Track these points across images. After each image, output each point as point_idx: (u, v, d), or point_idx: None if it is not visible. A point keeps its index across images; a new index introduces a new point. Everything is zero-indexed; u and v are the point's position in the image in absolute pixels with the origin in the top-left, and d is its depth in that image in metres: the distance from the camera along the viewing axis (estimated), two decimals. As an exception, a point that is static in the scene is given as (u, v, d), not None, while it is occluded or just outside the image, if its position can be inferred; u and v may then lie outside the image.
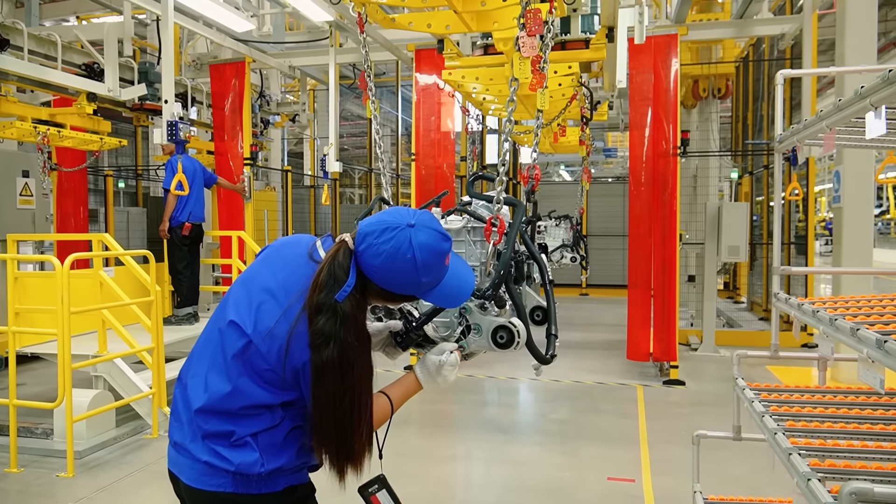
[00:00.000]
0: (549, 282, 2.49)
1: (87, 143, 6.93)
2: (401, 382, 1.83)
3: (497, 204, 2.18)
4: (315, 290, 1.56)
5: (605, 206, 14.23)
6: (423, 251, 1.55)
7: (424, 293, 1.64)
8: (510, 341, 2.00)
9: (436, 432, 5.26)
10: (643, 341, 6.96)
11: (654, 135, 6.83)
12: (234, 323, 1.60)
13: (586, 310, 12.19)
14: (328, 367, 1.53)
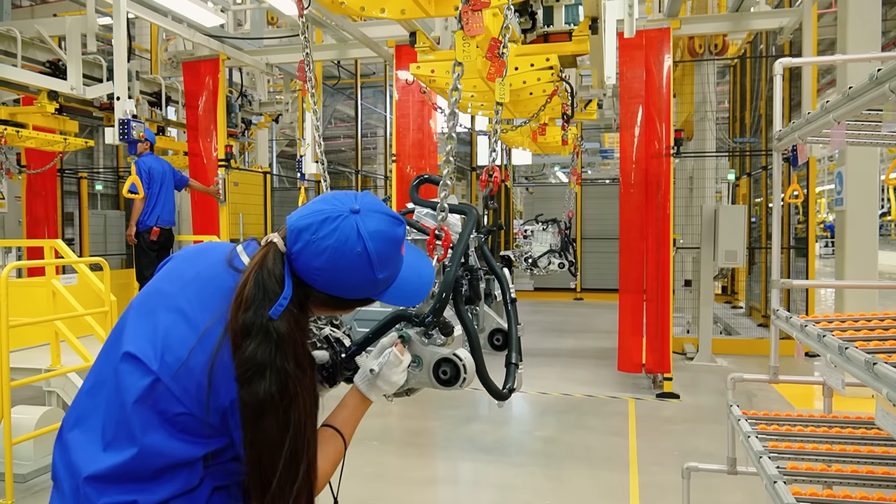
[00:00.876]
0: (511, 301, 2.16)
1: (51, 144, 6.59)
2: (345, 405, 1.50)
3: (441, 212, 1.84)
4: (239, 307, 1.22)
5: (601, 208, 13.88)
6: (376, 241, 1.26)
7: (380, 293, 1.35)
8: (455, 377, 1.67)
9: (412, 451, 4.92)
10: (635, 351, 6.61)
11: (646, 134, 6.50)
12: (132, 357, 1.23)
13: (580, 315, 11.84)
14: (265, 404, 1.19)
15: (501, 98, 2.33)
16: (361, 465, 4.58)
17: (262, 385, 1.20)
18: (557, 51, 4.28)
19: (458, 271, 1.76)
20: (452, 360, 1.68)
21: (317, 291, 1.31)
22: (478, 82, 4.23)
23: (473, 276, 2.10)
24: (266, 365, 1.20)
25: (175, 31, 6.56)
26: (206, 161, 7.45)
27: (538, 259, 6.64)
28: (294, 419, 1.23)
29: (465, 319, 1.82)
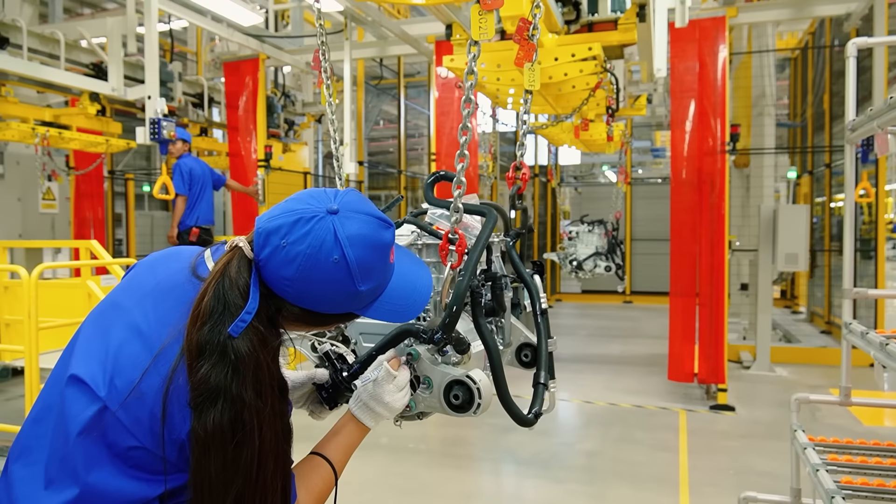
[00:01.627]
0: (542, 312, 1.92)
1: (94, 146, 6.63)
2: (336, 430, 1.33)
3: (454, 213, 1.61)
4: (195, 322, 1.06)
5: (652, 208, 13.40)
6: (357, 246, 1.09)
7: (364, 307, 1.18)
8: (468, 403, 1.46)
9: (448, 462, 4.70)
10: (687, 359, 6.24)
11: (699, 131, 6.12)
12: (78, 381, 1.05)
13: (629, 319, 11.42)
14: (212, 438, 1.00)
15: (531, 85, 2.10)
16: (392, 475, 4.39)
17: (211, 414, 1.01)
18: (601, 40, 4.00)
19: (471, 281, 1.54)
20: (465, 383, 1.46)
21: (289, 305, 1.13)
22: (516, 75, 3.98)
23: (496, 285, 1.86)
24: (219, 391, 1.02)
25: (214, 30, 6.52)
26: (246, 161, 7.41)
27: (583, 262, 6.34)
28: (245, 459, 1.03)
29: (484, 334, 1.60)
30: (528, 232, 2.14)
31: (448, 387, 1.47)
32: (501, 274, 1.95)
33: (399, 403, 1.34)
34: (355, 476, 4.38)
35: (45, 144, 6.08)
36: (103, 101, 6.70)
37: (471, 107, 1.62)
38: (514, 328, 2.03)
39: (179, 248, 1.30)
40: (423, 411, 1.56)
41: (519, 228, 2.12)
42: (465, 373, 1.47)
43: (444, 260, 1.59)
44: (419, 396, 1.48)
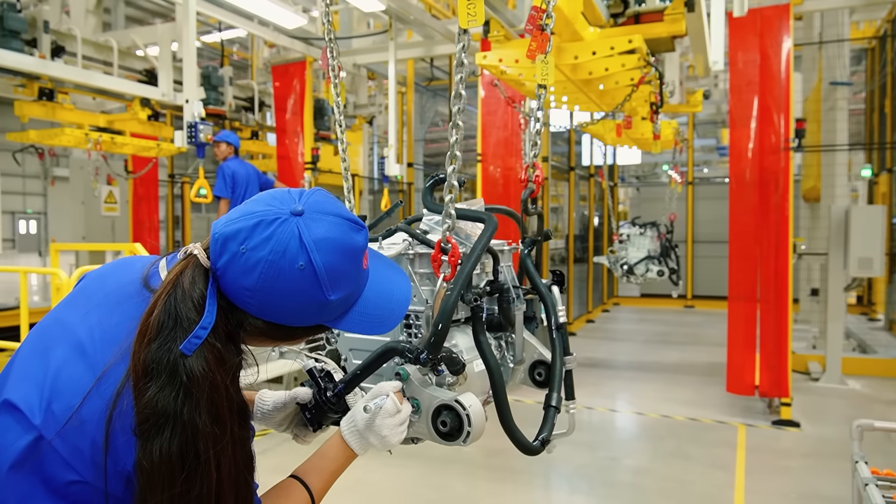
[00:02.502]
0: (558, 326, 1.73)
1: (146, 150, 6.78)
2: (322, 454, 1.21)
3: (446, 219, 1.46)
4: (143, 339, 0.94)
5: (715, 209, 12.80)
6: (324, 251, 0.98)
7: (335, 319, 1.06)
8: (456, 430, 1.31)
9: (483, 475, 4.53)
10: (747, 369, 5.86)
11: (761, 127, 5.74)
12: (11, 407, 0.94)
13: (688, 325, 10.94)
14: (158, 470, 0.88)
15: (544, 80, 1.91)
16: (426, 487, 4.25)
17: (157, 443, 0.89)
18: (645, 32, 3.75)
19: (463, 295, 1.38)
20: (454, 409, 1.31)
21: (252, 318, 1.01)
22: (554, 71, 3.78)
23: (503, 298, 1.69)
24: (167, 416, 0.90)
25: (260, 34, 6.55)
26: (294, 163, 7.44)
27: (634, 266, 6.04)
28: (200, 493, 0.91)
29: (484, 352, 1.45)
30: (544, 239, 1.96)
31: (436, 411, 1.33)
32: (509, 285, 1.78)
33: (396, 439, 1.22)
34: (389, 486, 4.27)
35: (98, 149, 6.23)
36: (156, 107, 6.82)
37: (460, 102, 1.46)
38: (527, 344, 1.85)
39: (134, 257, 1.19)
40: (413, 437, 1.43)
41: (535, 235, 1.95)
42: (455, 396, 1.33)
43: (436, 271, 1.46)
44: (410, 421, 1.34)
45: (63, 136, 6.07)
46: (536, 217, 1.96)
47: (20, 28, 5.49)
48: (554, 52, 3.87)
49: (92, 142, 6.14)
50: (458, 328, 1.59)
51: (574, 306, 10.35)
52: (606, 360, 8.19)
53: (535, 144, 1.93)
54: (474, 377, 1.51)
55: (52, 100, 6.10)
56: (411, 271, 1.55)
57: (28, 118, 6.03)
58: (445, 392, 1.35)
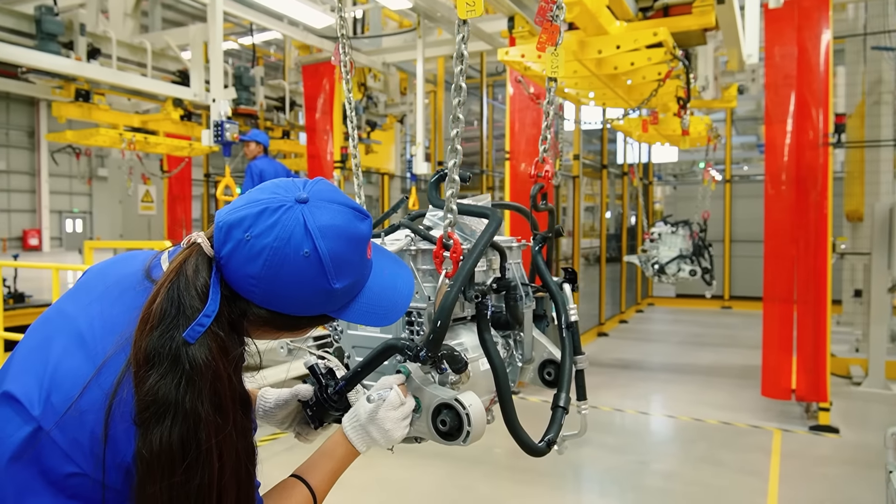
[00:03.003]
0: (568, 325, 1.69)
1: (178, 150, 6.90)
2: (323, 452, 1.19)
3: (448, 215, 1.43)
4: (144, 327, 0.94)
5: (754, 208, 12.49)
6: (330, 238, 0.98)
7: (340, 309, 1.06)
8: (456, 430, 1.30)
9: (509, 477, 4.47)
10: (783, 372, 5.68)
11: (799, 122, 5.54)
12: (11, 399, 0.94)
13: (725, 326, 10.68)
14: (158, 460, 0.88)
15: (553, 73, 1.86)
16: (450, 487, 4.22)
17: (157, 433, 0.88)
18: (672, 25, 3.65)
19: (460, 291, 1.35)
20: (454, 408, 1.29)
21: (255, 307, 1.01)
22: (577, 66, 3.70)
23: (510, 295, 1.65)
24: (168, 404, 0.90)
25: (289, 33, 6.60)
26: (324, 162, 7.49)
27: (665, 265, 5.91)
28: (201, 484, 0.90)
29: (489, 350, 1.42)
30: (556, 236, 1.91)
31: (436, 410, 1.31)
32: (516, 283, 1.74)
33: (399, 434, 1.21)
34: (413, 485, 4.25)
35: (132, 149, 6.36)
36: (189, 107, 6.93)
37: (461, 95, 1.42)
38: (537, 343, 1.81)
39: (136, 251, 1.19)
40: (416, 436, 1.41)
41: (546, 232, 1.90)
42: (455, 395, 1.30)
43: (438, 267, 1.43)
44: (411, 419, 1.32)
45: (98, 136, 6.22)
46: (547, 213, 1.91)
47: (57, 31, 5.64)
48: (578, 46, 3.81)
49: (126, 141, 6.27)
50: (465, 326, 1.57)
51: (606, 306, 10.20)
52: (638, 361, 8.05)
53: (544, 140, 1.88)
54: (480, 376, 1.48)
55: (88, 101, 6.23)
56: (414, 268, 1.51)
57: (65, 119, 6.19)
58: (446, 391, 1.33)
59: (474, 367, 1.48)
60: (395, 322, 1.19)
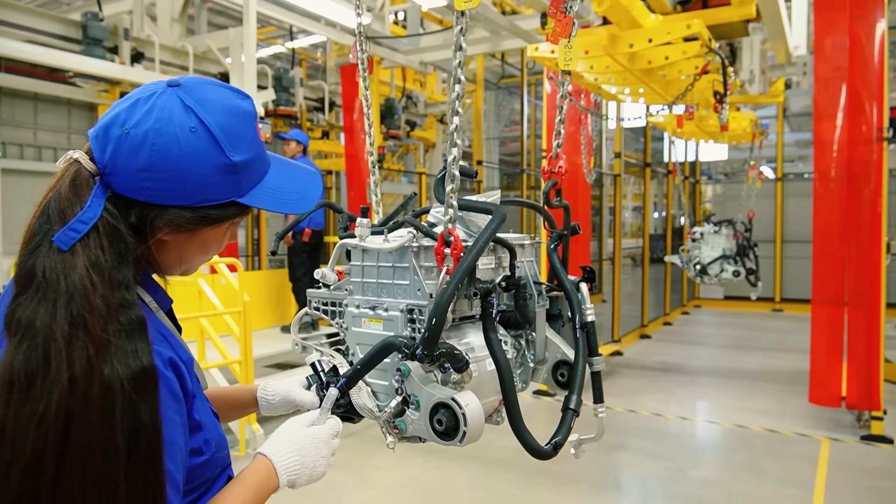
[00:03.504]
0: (583, 325, 1.63)
1: None
2: (241, 480, 1.04)
3: (448, 211, 1.38)
4: (24, 248, 0.88)
5: (807, 206, 12.01)
6: (213, 111, 0.94)
7: (246, 193, 0.99)
8: (452, 429, 1.28)
9: (540, 482, 4.38)
10: (833, 378, 5.42)
11: (851, 117, 5.28)
12: None
13: (775, 330, 10.30)
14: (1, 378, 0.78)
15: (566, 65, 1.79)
16: (479, 490, 4.16)
17: (18, 356, 0.78)
18: (710, 17, 3.51)
19: (457, 288, 1.31)
20: (450, 407, 1.27)
21: (157, 209, 0.92)
22: (610, 62, 3.59)
23: (520, 294, 1.60)
24: (21, 321, 0.80)
25: (326, 34, 6.65)
26: (361, 162, 7.51)
27: (708, 265, 5.71)
28: (34, 412, 0.76)
29: (494, 349, 1.38)
30: (571, 233, 1.84)
31: (433, 409, 1.29)
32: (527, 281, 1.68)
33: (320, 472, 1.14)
34: (442, 486, 4.21)
35: None
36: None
37: (459, 87, 1.36)
38: (550, 343, 1.75)
39: None
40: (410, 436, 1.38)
41: (562, 229, 1.83)
42: (452, 394, 1.28)
43: (439, 264, 1.39)
44: (409, 418, 1.34)
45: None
46: (563, 210, 1.84)
47: (102, 36, 5.80)
48: (609, 41, 3.71)
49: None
50: (474, 325, 1.53)
51: (649, 308, 9.96)
52: (681, 364, 7.82)
53: (558, 134, 1.82)
54: (487, 376, 1.44)
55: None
56: (415, 264, 1.48)
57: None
58: (445, 389, 1.31)
59: (481, 366, 1.45)
60: (311, 208, 1.13)
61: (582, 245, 6.68)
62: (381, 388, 1.41)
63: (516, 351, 1.65)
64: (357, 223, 1.63)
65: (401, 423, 1.35)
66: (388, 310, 1.45)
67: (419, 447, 4.72)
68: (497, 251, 1.63)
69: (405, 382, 1.32)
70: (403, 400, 1.34)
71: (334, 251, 1.67)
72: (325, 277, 1.70)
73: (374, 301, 1.49)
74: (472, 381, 1.39)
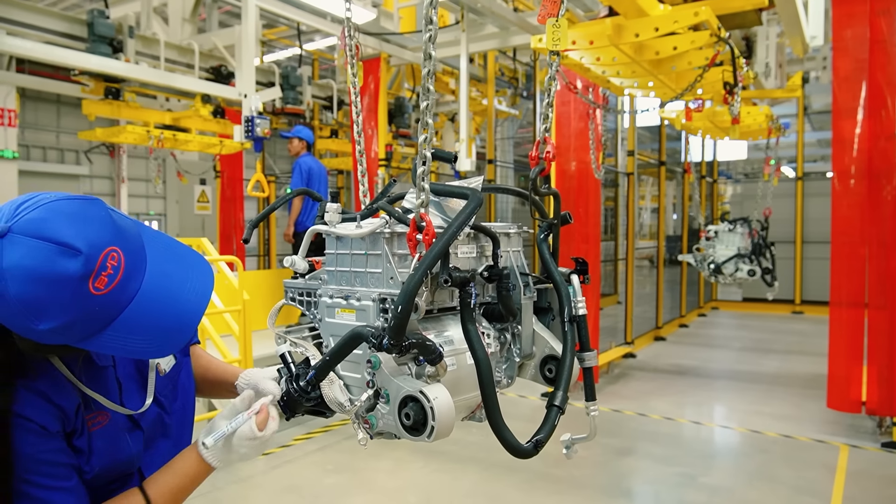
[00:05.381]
0: (572, 319, 1.54)
1: (209, 147, 6.87)
2: (172, 468, 1.18)
3: (420, 195, 1.29)
4: None
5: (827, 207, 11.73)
6: (17, 280, 0.92)
7: (81, 340, 1.00)
8: (420, 424, 1.22)
9: (544, 487, 4.24)
10: (852, 383, 5.22)
11: (872, 112, 5.09)
12: None
13: (794, 333, 10.05)
14: None
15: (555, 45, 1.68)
16: (480, 496, 4.04)
17: None
18: (720, 6, 3.36)
19: (424, 274, 1.22)
20: (419, 400, 1.20)
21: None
22: (616, 53, 3.46)
23: (502, 285, 1.51)
24: None
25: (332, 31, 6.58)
26: (368, 161, 7.43)
27: (722, 265, 5.54)
28: None
29: (472, 341, 1.31)
30: (562, 223, 1.72)
31: (402, 402, 1.23)
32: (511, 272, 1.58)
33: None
34: (441, 491, 4.09)
35: (161, 146, 6.40)
36: (222, 104, 6.94)
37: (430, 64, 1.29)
38: (538, 337, 1.66)
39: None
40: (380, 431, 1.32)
41: (552, 219, 1.72)
42: (421, 387, 1.21)
43: (412, 251, 1.31)
44: (379, 412, 1.28)
45: (125, 134, 6.27)
46: (553, 199, 1.73)
47: (108, 33, 5.77)
48: (614, 30, 3.57)
49: (153, 138, 6.29)
50: (455, 318, 1.45)
51: (665, 310, 9.76)
52: (696, 367, 7.63)
53: (545, 118, 1.72)
54: (467, 370, 1.37)
55: (118, 98, 6.28)
56: (388, 251, 1.40)
57: (94, 117, 6.32)
58: (415, 382, 1.25)
59: (460, 360, 1.39)
60: (179, 348, 1.12)
61: (592, 245, 6.52)
62: (353, 382, 1.36)
63: (500, 345, 1.59)
64: (326, 208, 1.57)
65: (371, 417, 1.28)
66: (360, 299, 1.38)
67: (421, 450, 4.62)
68: (480, 240, 1.55)
69: (376, 375, 1.26)
70: (375, 393, 1.27)
71: (305, 237, 1.62)
72: (295, 265, 1.64)
73: (348, 290, 1.43)
74: (450, 376, 1.33)
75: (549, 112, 1.75)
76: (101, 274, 0.95)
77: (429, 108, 1.33)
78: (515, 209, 13.37)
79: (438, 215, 1.50)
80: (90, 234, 0.95)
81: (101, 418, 1.13)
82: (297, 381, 1.32)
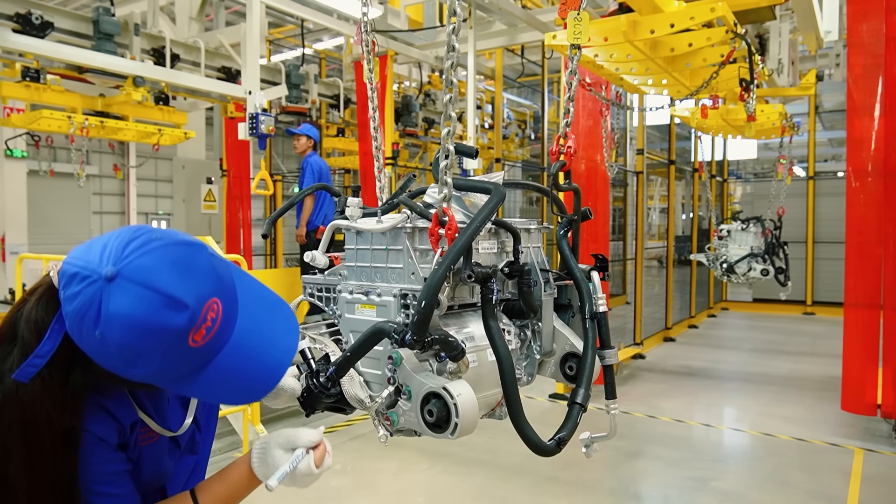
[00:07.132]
0: (593, 316, 1.50)
1: (147, 136, 6.47)
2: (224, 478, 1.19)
3: (443, 189, 1.26)
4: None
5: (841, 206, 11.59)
6: (119, 328, 0.92)
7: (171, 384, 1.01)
8: (444, 421, 1.20)
9: (551, 490, 4.16)
10: (867, 385, 5.12)
11: (888, 109, 4.99)
12: None
13: (806, 334, 9.93)
14: None
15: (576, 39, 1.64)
16: (486, 498, 3.97)
17: None
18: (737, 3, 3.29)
19: (448, 270, 1.18)
20: (442, 397, 1.19)
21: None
22: (631, 49, 3.39)
23: (523, 281, 1.46)
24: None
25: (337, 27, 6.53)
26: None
27: (735, 264, 5.46)
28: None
29: (494, 337, 1.29)
30: (582, 219, 1.67)
31: (424, 399, 1.22)
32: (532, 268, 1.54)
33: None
34: (447, 493, 4.03)
35: (85, 134, 5.89)
36: (166, 90, 6.36)
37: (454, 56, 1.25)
38: (559, 334, 1.62)
39: None
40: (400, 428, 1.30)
41: (571, 215, 1.67)
42: (444, 383, 1.19)
43: (433, 246, 1.28)
44: (401, 409, 1.27)
45: (42, 120, 5.75)
46: (573, 194, 1.68)
47: (114, 31, 5.73)
48: (628, 27, 3.50)
49: (76, 126, 5.71)
50: (476, 314, 1.43)
51: (674, 311, 9.68)
52: (706, 369, 7.54)
53: (567, 113, 1.68)
54: (488, 367, 1.36)
55: (37, 81, 5.56)
56: (409, 246, 1.37)
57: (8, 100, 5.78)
58: (437, 378, 1.23)
59: (481, 357, 1.37)
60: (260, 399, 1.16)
61: (601, 245, 6.45)
62: (374, 378, 1.35)
63: (521, 341, 1.56)
64: (347, 202, 1.54)
65: (393, 414, 1.27)
66: (381, 295, 1.37)
67: (426, 451, 4.56)
68: (500, 235, 1.52)
69: (397, 371, 1.25)
70: (396, 390, 1.25)
71: (325, 232, 1.61)
72: (315, 260, 1.63)
73: (368, 286, 1.41)
74: (471, 372, 1.30)
75: (570, 107, 1.70)
76: (201, 327, 0.95)
77: (452, 101, 1.28)
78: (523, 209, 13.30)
79: (459, 210, 1.46)
80: (197, 287, 0.95)
81: (151, 433, 1.16)
82: (318, 378, 1.31)
